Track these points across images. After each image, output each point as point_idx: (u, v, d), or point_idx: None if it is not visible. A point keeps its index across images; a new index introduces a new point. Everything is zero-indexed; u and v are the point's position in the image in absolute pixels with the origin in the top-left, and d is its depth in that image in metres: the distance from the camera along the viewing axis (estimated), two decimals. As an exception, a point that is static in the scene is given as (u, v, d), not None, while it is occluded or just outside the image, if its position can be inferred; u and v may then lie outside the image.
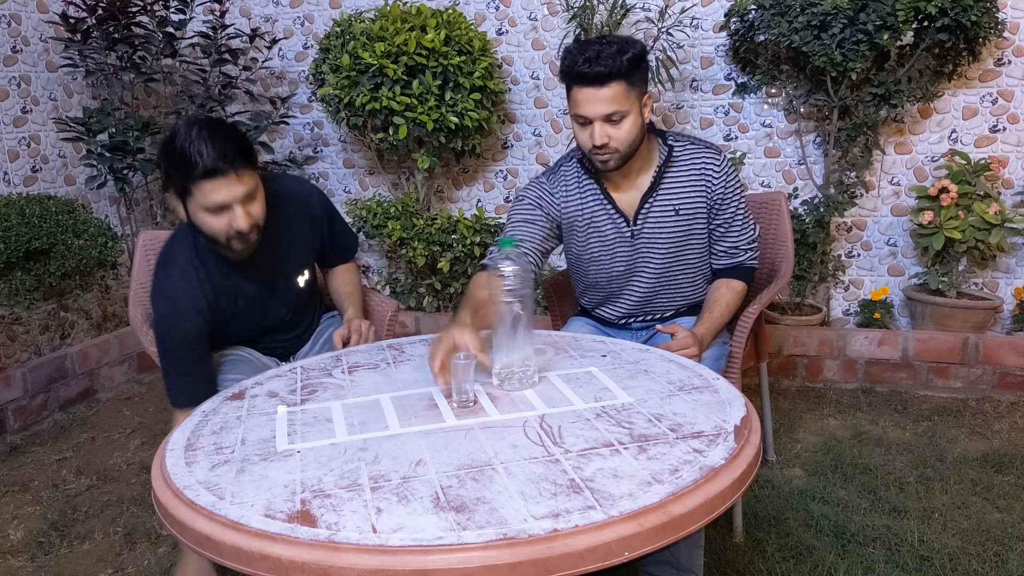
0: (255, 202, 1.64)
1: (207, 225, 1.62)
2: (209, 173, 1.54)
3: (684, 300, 1.96)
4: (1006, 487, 2.21)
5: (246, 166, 1.59)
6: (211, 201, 1.57)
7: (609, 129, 1.70)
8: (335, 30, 3.20)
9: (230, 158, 1.55)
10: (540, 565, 0.85)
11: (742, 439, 1.09)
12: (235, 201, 1.58)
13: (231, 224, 1.60)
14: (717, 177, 1.84)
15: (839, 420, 2.73)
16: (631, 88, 1.69)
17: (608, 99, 1.67)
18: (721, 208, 1.87)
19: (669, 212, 1.85)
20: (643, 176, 1.84)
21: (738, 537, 2.00)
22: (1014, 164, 3.04)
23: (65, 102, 3.38)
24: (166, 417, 3.00)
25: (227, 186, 1.56)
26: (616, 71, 1.65)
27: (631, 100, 1.69)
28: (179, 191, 1.60)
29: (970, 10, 2.60)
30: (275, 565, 0.88)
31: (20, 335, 2.98)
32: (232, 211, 1.59)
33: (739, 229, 1.90)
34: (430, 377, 1.44)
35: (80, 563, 2.04)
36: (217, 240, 1.64)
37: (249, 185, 1.60)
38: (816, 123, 3.15)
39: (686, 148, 1.86)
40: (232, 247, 1.65)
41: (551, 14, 3.38)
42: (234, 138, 1.59)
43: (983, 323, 2.96)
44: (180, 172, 1.56)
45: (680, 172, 1.85)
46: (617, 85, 1.66)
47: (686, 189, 1.85)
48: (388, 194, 3.62)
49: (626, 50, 1.66)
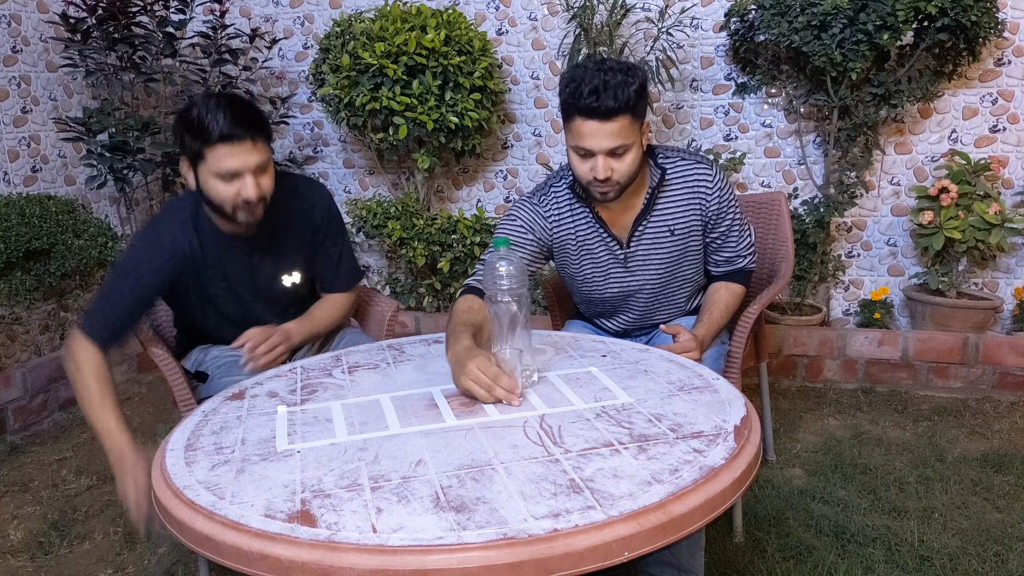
0: (265, 175, 1.66)
1: (216, 192, 1.63)
2: (224, 138, 1.57)
3: (681, 311, 1.95)
4: (1006, 487, 2.21)
5: (261, 137, 1.62)
6: (224, 167, 1.59)
7: (612, 162, 1.64)
8: (335, 30, 3.20)
9: (246, 126, 1.59)
10: (540, 565, 0.85)
11: (742, 439, 1.09)
12: (247, 170, 1.60)
13: (240, 192, 1.61)
14: (711, 193, 1.79)
15: (839, 420, 2.73)
16: (635, 120, 1.63)
17: (614, 133, 1.60)
18: (717, 222, 1.83)
19: (664, 233, 1.81)
20: (635, 198, 1.78)
21: (738, 537, 2.00)
22: (1014, 164, 3.04)
23: (65, 102, 3.38)
24: (166, 417, 3.00)
25: (241, 153, 1.59)
26: (623, 105, 1.58)
27: (635, 131, 1.64)
28: (192, 157, 1.62)
29: (970, 10, 2.60)
30: (275, 565, 0.88)
31: (20, 335, 2.98)
32: (243, 179, 1.61)
33: (737, 237, 1.87)
34: (430, 377, 1.44)
35: (80, 563, 2.04)
36: (224, 208, 1.65)
37: (262, 156, 1.63)
38: (816, 123, 3.15)
39: (677, 166, 1.80)
40: (237, 217, 1.66)
41: (551, 14, 3.38)
42: (252, 110, 1.64)
43: (983, 323, 2.96)
44: (196, 137, 1.58)
45: (674, 192, 1.79)
46: (623, 119, 1.60)
47: (680, 208, 1.80)
48: (388, 194, 3.62)
49: (631, 81, 1.59)
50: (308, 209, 1.87)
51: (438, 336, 1.71)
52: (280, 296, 1.87)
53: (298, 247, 1.87)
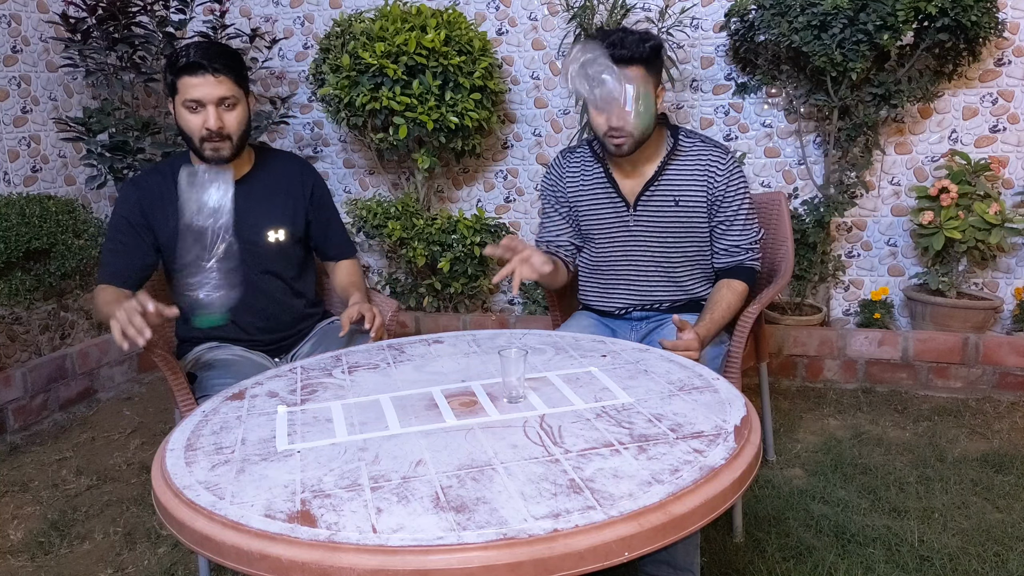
0: (232, 112, 1.80)
1: (185, 122, 1.79)
2: (190, 68, 1.74)
3: (684, 294, 1.98)
4: (1006, 487, 2.21)
5: (228, 74, 1.77)
6: (189, 96, 1.76)
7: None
8: (335, 30, 3.20)
9: (212, 59, 1.75)
10: (540, 565, 0.85)
11: (742, 439, 1.09)
12: (210, 101, 1.76)
13: (204, 123, 1.76)
14: (720, 174, 1.89)
15: (839, 420, 2.73)
16: (649, 75, 1.79)
17: (628, 80, 1.74)
18: (722, 206, 1.90)
19: (669, 202, 1.90)
20: (649, 165, 1.91)
21: (738, 537, 2.00)
22: (1014, 164, 3.04)
23: (65, 102, 3.38)
24: (166, 417, 3.00)
25: (204, 85, 1.75)
26: (638, 56, 1.75)
27: (648, 86, 1.79)
28: (169, 90, 1.80)
29: (970, 10, 2.60)
30: (275, 565, 0.88)
31: (20, 335, 2.98)
32: (206, 110, 1.76)
33: (740, 228, 1.91)
34: (430, 377, 1.44)
35: (80, 563, 2.04)
36: (192, 140, 1.80)
37: (227, 91, 1.78)
38: (816, 123, 3.15)
39: (694, 144, 1.92)
40: (204, 150, 1.80)
41: (551, 14, 3.38)
42: (224, 49, 1.82)
43: (983, 323, 2.96)
44: (170, 70, 1.77)
45: (683, 165, 1.90)
46: (637, 69, 1.76)
47: (687, 181, 1.90)
48: (388, 194, 3.62)
49: (648, 39, 1.78)
50: (289, 174, 2.01)
51: (438, 336, 1.73)
52: (263, 249, 1.95)
53: (284, 206, 1.98)
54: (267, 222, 1.95)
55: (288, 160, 2.06)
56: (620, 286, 2.00)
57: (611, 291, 2.01)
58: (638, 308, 2.01)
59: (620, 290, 2.00)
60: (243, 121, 1.83)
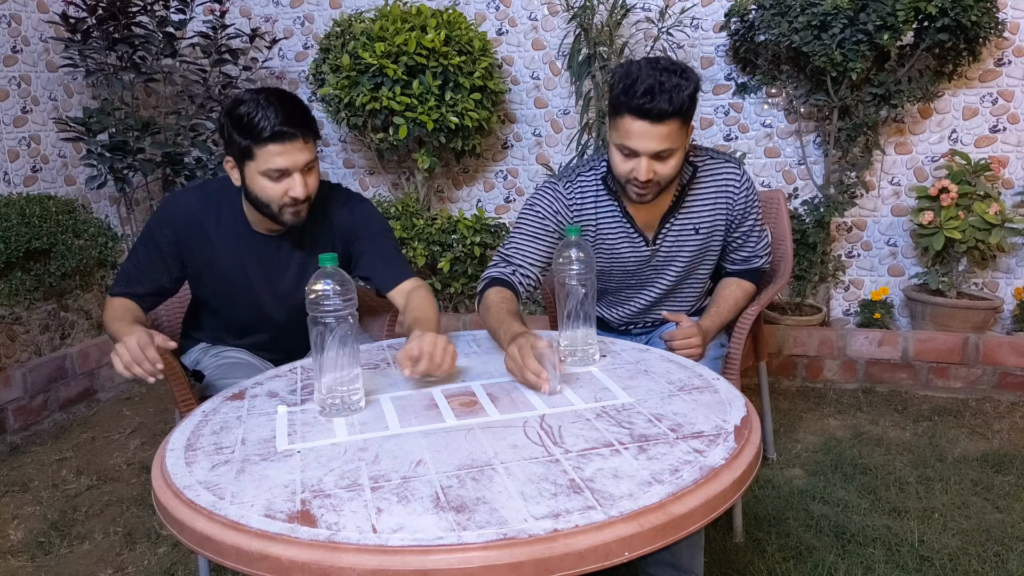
0: (312, 174, 1.65)
1: (264, 190, 1.61)
2: (276, 136, 1.56)
3: (686, 307, 1.96)
4: (1006, 487, 2.21)
5: (310, 136, 1.63)
6: (274, 165, 1.58)
7: (656, 165, 1.61)
8: (335, 30, 3.20)
9: (297, 124, 1.58)
10: (540, 565, 0.85)
11: (742, 439, 1.09)
12: (296, 168, 1.60)
13: (288, 191, 1.61)
14: (738, 193, 1.81)
15: (839, 420, 2.73)
16: (684, 125, 1.60)
17: (663, 136, 1.57)
18: (741, 222, 1.84)
19: (689, 231, 1.81)
20: (664, 195, 1.76)
21: (738, 537, 2.00)
22: (1014, 164, 3.04)
23: (65, 102, 3.38)
24: (166, 417, 3.00)
25: (291, 152, 1.58)
26: (676, 109, 1.55)
27: (683, 137, 1.62)
28: (239, 155, 1.61)
29: (970, 10, 2.60)
30: (275, 565, 0.88)
31: (20, 335, 2.98)
32: (292, 178, 1.60)
33: (757, 237, 1.89)
34: (429, 377, 1.44)
35: (80, 563, 2.04)
36: (270, 207, 1.64)
37: (311, 155, 1.63)
38: (816, 123, 3.15)
39: (707, 165, 1.80)
40: (283, 215, 1.65)
41: (551, 14, 3.38)
42: (302, 107, 1.64)
43: (983, 323, 2.96)
44: (246, 135, 1.57)
45: (702, 190, 1.80)
46: (673, 123, 1.57)
47: (707, 207, 1.81)
48: (388, 194, 3.62)
49: (686, 85, 1.56)
50: (343, 218, 1.81)
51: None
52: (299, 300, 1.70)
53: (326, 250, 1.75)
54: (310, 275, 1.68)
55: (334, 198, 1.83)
56: (626, 305, 1.96)
57: (615, 307, 1.98)
58: (639, 325, 1.99)
59: (624, 308, 1.96)
60: (319, 178, 1.69)
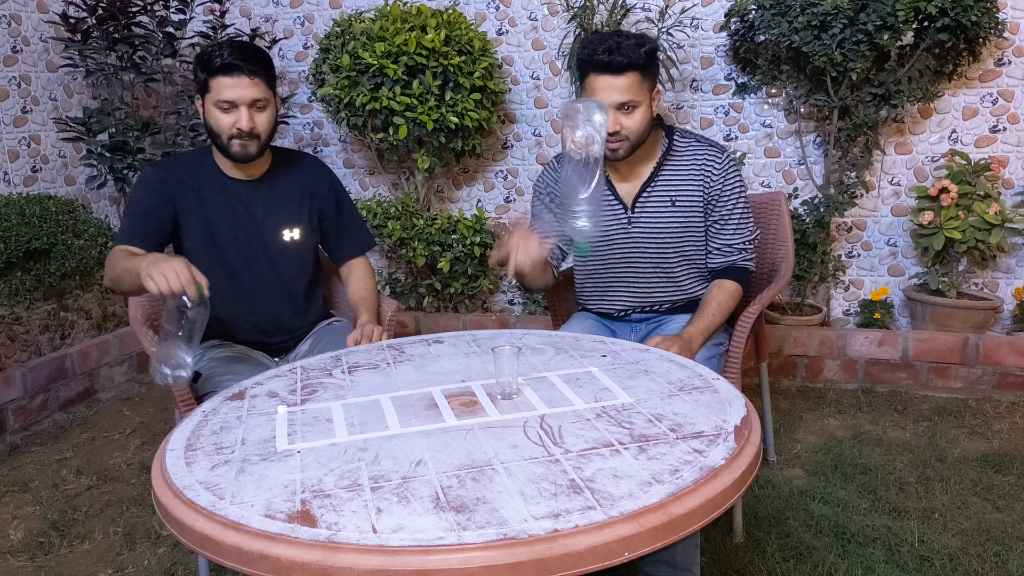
0: (262, 114, 1.82)
1: (215, 121, 1.80)
2: (226, 68, 1.75)
3: (683, 294, 1.98)
4: (1006, 487, 2.21)
5: (261, 76, 1.79)
6: (223, 96, 1.77)
7: (622, 118, 1.77)
8: (335, 30, 3.20)
9: (246, 61, 1.76)
10: (540, 565, 0.85)
11: (742, 439, 1.09)
12: (243, 102, 1.77)
13: (235, 123, 1.78)
14: (716, 174, 1.89)
15: (839, 420, 2.73)
16: (644, 80, 1.77)
17: (624, 88, 1.74)
18: (717, 205, 1.91)
19: (666, 203, 1.90)
20: (645, 166, 1.91)
21: (738, 537, 2.00)
22: (1014, 164, 3.04)
23: (65, 102, 3.38)
24: (166, 417, 3.00)
25: (239, 86, 1.76)
26: (634, 62, 1.73)
27: (644, 91, 1.78)
28: (200, 89, 1.81)
29: (970, 10, 2.60)
30: (275, 565, 0.88)
31: (20, 335, 2.98)
32: (239, 110, 1.78)
33: (734, 228, 1.92)
34: (430, 377, 1.44)
35: (80, 563, 2.04)
36: (220, 137, 1.81)
37: (259, 93, 1.79)
38: (816, 123, 3.15)
39: (690, 144, 1.92)
40: (232, 147, 1.82)
41: (551, 14, 3.38)
42: (256, 51, 1.82)
43: (983, 323, 2.96)
44: (203, 69, 1.78)
45: (679, 165, 1.91)
46: (633, 75, 1.75)
47: (684, 181, 1.90)
48: (388, 194, 3.62)
49: (644, 43, 1.76)
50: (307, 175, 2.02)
51: (438, 336, 1.72)
52: (277, 249, 1.96)
53: (300, 205, 1.99)
54: (284, 221, 1.96)
55: (304, 160, 2.07)
56: (619, 288, 2.00)
57: (610, 293, 2.01)
58: (637, 310, 2.01)
59: (619, 292, 2.00)
60: (271, 122, 1.86)
